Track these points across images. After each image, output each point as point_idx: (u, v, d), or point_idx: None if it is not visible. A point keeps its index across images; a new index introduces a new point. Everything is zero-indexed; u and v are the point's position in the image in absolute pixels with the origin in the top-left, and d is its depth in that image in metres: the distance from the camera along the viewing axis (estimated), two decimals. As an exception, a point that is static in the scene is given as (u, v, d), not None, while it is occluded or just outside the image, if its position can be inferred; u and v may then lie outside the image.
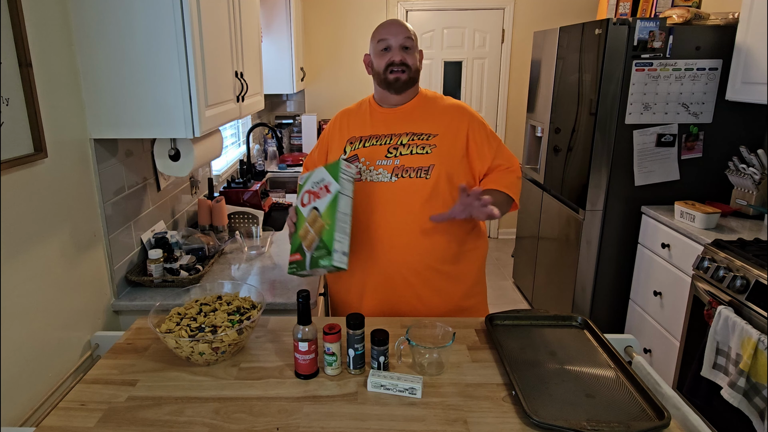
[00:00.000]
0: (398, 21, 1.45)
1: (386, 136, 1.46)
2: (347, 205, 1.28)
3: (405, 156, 1.42)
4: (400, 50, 1.42)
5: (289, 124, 4.14)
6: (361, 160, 1.45)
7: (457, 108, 1.49)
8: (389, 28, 1.43)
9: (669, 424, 0.94)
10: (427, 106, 1.49)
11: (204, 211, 2.06)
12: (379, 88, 1.49)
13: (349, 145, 1.49)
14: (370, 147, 1.46)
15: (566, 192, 2.92)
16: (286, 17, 3.38)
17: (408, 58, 1.42)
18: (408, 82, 1.44)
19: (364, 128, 1.50)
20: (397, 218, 1.40)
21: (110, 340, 1.36)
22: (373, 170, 1.43)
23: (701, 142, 2.55)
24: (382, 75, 1.44)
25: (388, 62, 1.42)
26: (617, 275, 2.75)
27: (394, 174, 1.41)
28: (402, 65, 1.41)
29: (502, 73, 4.35)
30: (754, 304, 1.76)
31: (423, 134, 1.44)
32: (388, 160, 1.43)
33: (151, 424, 0.98)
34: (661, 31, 2.40)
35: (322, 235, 1.25)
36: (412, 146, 1.43)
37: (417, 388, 1.05)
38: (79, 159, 1.36)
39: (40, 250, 1.19)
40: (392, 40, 1.42)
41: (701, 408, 1.99)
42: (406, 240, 1.41)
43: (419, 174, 1.40)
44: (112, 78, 1.35)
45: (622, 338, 1.30)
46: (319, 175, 1.32)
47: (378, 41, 1.44)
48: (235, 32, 1.79)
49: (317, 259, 1.25)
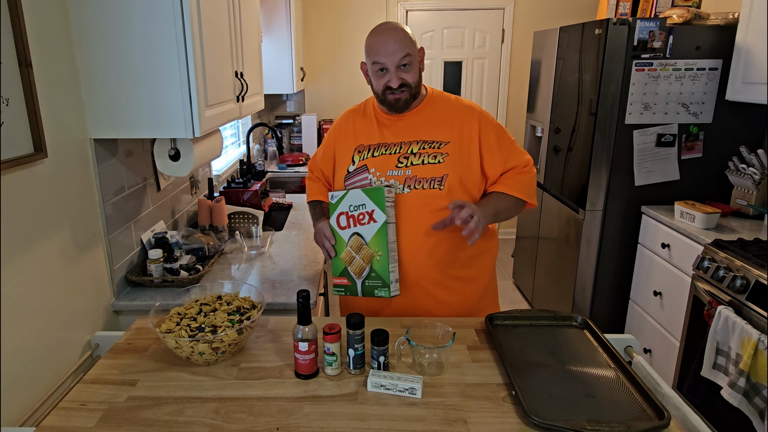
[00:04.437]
0: (393, 33, 1.31)
1: (395, 144, 1.40)
2: (393, 232, 1.34)
3: (417, 166, 1.37)
4: (397, 71, 1.31)
5: (289, 124, 4.14)
6: (371, 171, 1.40)
7: (467, 110, 1.43)
8: (384, 47, 1.30)
9: (669, 424, 0.94)
10: (435, 110, 1.42)
11: (204, 211, 2.06)
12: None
13: (357, 154, 1.43)
14: (380, 157, 1.40)
15: (566, 192, 2.92)
16: (286, 17, 3.38)
17: (407, 76, 1.33)
18: (409, 100, 1.36)
19: (371, 136, 1.43)
20: (412, 229, 1.37)
21: (110, 340, 1.36)
22: (384, 181, 1.39)
23: (701, 142, 2.55)
24: (381, 96, 1.37)
25: (385, 86, 1.34)
26: (617, 275, 2.75)
27: (406, 185, 1.36)
28: (401, 87, 1.33)
29: (502, 73, 4.34)
30: (754, 304, 1.76)
31: (434, 142, 1.38)
32: (398, 170, 1.38)
33: (151, 424, 0.98)
34: (661, 31, 2.40)
35: (374, 265, 1.33)
36: (424, 155, 1.37)
37: (417, 388, 1.05)
38: (79, 159, 1.36)
39: (40, 250, 1.19)
40: (388, 62, 1.31)
41: (701, 408, 1.99)
42: (423, 250, 1.38)
43: (432, 185, 1.36)
44: (112, 78, 1.35)
45: (622, 338, 1.30)
46: (358, 198, 1.32)
47: (373, 62, 1.33)
48: (235, 32, 1.79)
49: (372, 289, 1.34)
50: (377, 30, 1.35)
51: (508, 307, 3.33)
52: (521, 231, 3.71)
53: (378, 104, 1.45)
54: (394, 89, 1.33)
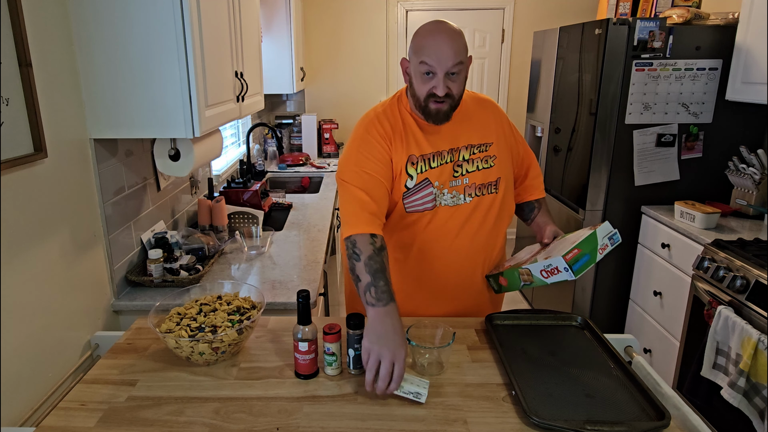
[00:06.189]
0: (449, 36, 1.18)
1: (448, 152, 1.30)
2: None
3: (473, 173, 1.32)
4: (445, 79, 1.19)
5: (289, 124, 4.14)
6: (435, 184, 1.29)
7: (491, 105, 1.42)
8: (437, 49, 1.17)
9: (669, 424, 0.94)
10: (468, 109, 1.36)
11: (204, 211, 2.06)
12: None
13: (411, 166, 1.28)
14: (438, 168, 1.29)
15: (566, 192, 2.92)
16: (286, 17, 3.38)
17: (454, 86, 1.21)
18: (449, 112, 1.25)
19: (420, 145, 1.29)
20: (475, 237, 1.35)
21: (110, 340, 1.36)
22: (447, 193, 1.30)
23: (701, 142, 2.55)
24: (422, 102, 1.24)
25: (429, 92, 1.21)
26: (617, 275, 2.75)
27: (467, 194, 1.32)
28: (446, 96, 1.21)
29: (502, 73, 4.34)
30: (754, 304, 1.76)
31: (481, 145, 1.34)
32: (456, 179, 1.31)
33: (151, 424, 0.98)
34: (661, 31, 2.40)
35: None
36: (477, 161, 1.32)
37: (423, 393, 1.02)
38: (79, 159, 1.36)
39: (40, 250, 1.19)
40: (438, 67, 1.18)
41: (701, 408, 1.99)
42: (481, 256, 1.38)
43: (490, 190, 1.34)
44: (112, 78, 1.35)
45: (622, 338, 1.30)
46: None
47: (420, 62, 1.19)
48: (235, 32, 1.79)
49: None
50: (432, 29, 1.20)
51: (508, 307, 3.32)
52: (521, 231, 3.71)
53: (412, 109, 1.31)
54: (438, 97, 1.21)
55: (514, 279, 1.30)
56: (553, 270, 1.19)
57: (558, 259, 1.18)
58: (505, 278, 1.34)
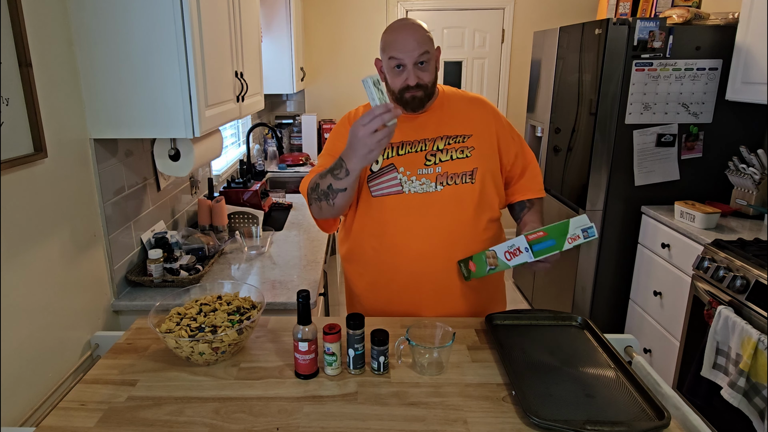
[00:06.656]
0: (412, 30, 1.28)
1: (419, 141, 1.37)
2: None
3: (446, 162, 1.35)
4: (414, 69, 1.29)
5: (289, 124, 4.14)
6: (400, 170, 1.35)
7: (478, 101, 1.45)
8: (402, 43, 1.27)
9: (669, 424, 0.94)
10: (452, 104, 1.42)
11: (204, 211, 2.06)
12: None
13: None
14: (406, 155, 1.36)
15: (566, 192, 2.92)
16: (286, 17, 3.38)
17: (424, 75, 1.30)
18: (424, 99, 1.34)
19: None
20: (447, 226, 1.35)
21: (110, 340, 1.36)
22: (415, 180, 1.35)
23: (701, 142, 2.55)
24: (397, 94, 1.33)
25: (402, 85, 1.30)
26: (617, 275, 2.75)
27: (438, 182, 1.35)
28: (418, 86, 1.30)
29: (502, 73, 4.34)
30: (754, 304, 1.76)
31: (458, 136, 1.38)
32: (428, 168, 1.35)
33: (151, 424, 0.98)
34: (661, 31, 2.40)
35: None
36: (451, 151, 1.36)
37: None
38: (79, 159, 1.36)
39: (40, 250, 1.19)
40: (406, 58, 1.27)
41: (701, 408, 1.99)
42: (459, 247, 1.36)
43: (464, 179, 1.35)
44: (112, 78, 1.35)
45: (622, 338, 1.30)
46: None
47: (389, 57, 1.30)
48: (235, 32, 1.79)
49: None
50: (395, 26, 1.31)
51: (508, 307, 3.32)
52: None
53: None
54: (411, 87, 1.30)
55: (482, 263, 1.29)
56: (515, 251, 1.21)
57: (520, 238, 1.19)
58: (474, 263, 1.32)
